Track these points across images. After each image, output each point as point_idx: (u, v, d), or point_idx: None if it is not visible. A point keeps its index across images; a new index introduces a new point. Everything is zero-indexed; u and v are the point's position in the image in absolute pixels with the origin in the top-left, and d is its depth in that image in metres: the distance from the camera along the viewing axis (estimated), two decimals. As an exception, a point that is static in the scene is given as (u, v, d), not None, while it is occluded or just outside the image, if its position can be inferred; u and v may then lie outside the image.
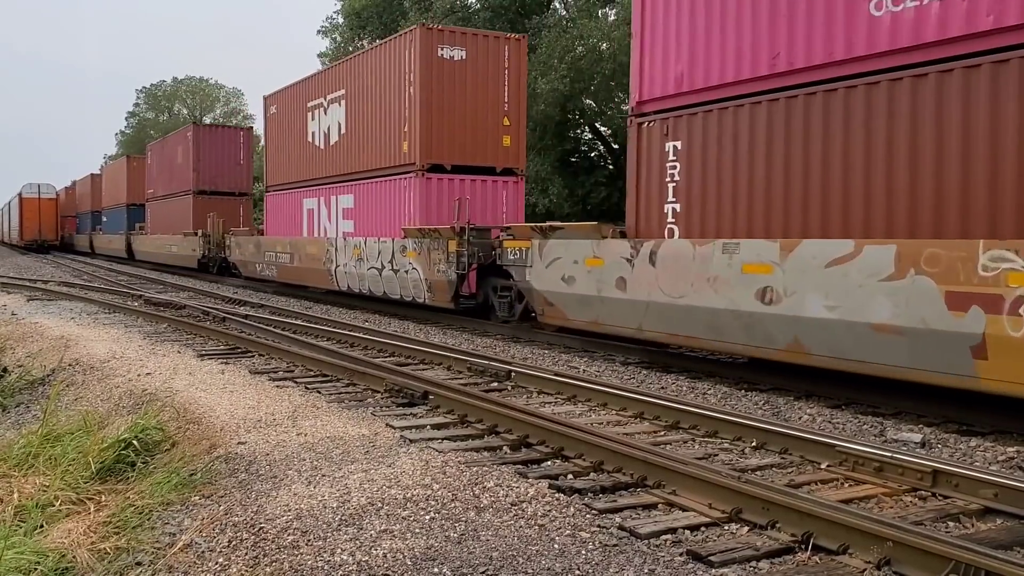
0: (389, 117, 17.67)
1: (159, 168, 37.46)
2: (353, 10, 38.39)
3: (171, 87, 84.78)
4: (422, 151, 16.55)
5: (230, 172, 33.03)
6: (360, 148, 18.96)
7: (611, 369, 10.66)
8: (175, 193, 34.56)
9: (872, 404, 8.39)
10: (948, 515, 5.18)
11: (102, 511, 5.80)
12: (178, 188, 34.13)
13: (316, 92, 21.42)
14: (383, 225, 18.04)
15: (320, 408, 7.94)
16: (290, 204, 22.84)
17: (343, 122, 19.72)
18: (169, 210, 35.33)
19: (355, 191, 19.23)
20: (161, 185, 36.95)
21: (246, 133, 34.76)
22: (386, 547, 4.57)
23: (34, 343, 12.87)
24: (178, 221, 33.54)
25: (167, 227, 35.16)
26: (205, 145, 32.69)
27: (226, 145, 33.35)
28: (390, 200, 17.76)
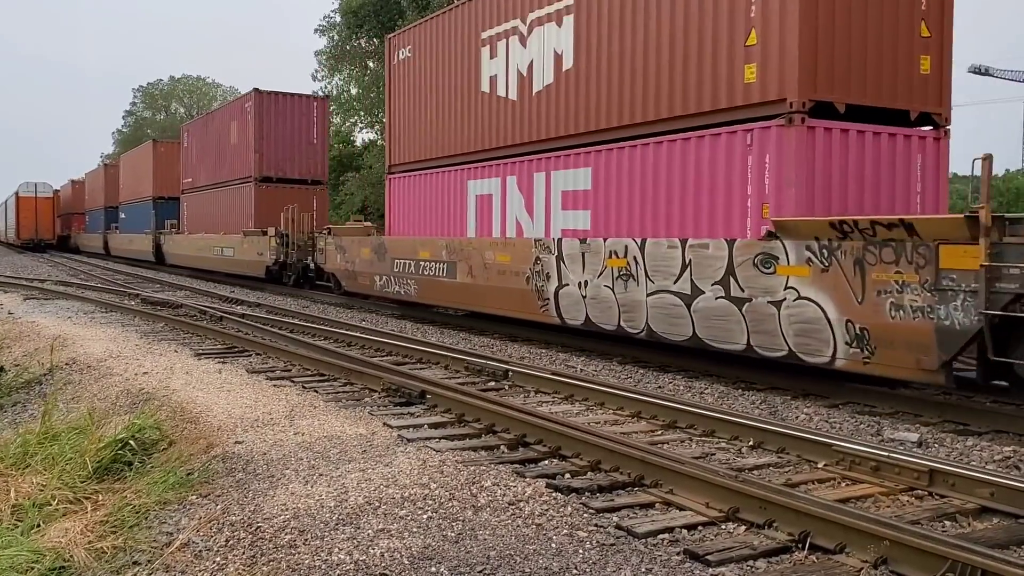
0: (706, 18, 9.99)
1: (202, 152, 30.83)
2: (350, 9, 38.35)
3: (168, 86, 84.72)
4: (802, 77, 9.00)
5: (302, 153, 26.23)
6: (612, 88, 11.48)
7: (608, 368, 10.67)
8: (227, 182, 27.97)
9: (869, 404, 8.40)
10: (945, 514, 5.19)
11: (99, 510, 5.80)
12: (232, 175, 27.49)
13: (503, 13, 13.82)
14: (666, 218, 10.61)
15: (317, 407, 7.94)
16: (440, 189, 15.57)
17: (569, 50, 12.22)
18: (217, 203, 29.04)
19: (596, 162, 11.82)
20: (205, 172, 30.37)
21: (320, 104, 27.27)
22: (383, 546, 4.57)
23: (31, 342, 12.85)
24: (232, 217, 27.24)
25: (213, 224, 28.88)
26: (270, 119, 25.65)
27: (296, 118, 26.26)
28: (694, 172, 10.19)
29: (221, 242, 27.57)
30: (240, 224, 26.24)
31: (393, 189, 17.36)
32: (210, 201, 29.79)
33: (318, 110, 26.89)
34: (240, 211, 26.59)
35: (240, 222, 26.35)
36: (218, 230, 28.25)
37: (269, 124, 25.73)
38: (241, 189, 26.62)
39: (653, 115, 10.81)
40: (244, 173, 26.35)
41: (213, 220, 29.11)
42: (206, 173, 30.27)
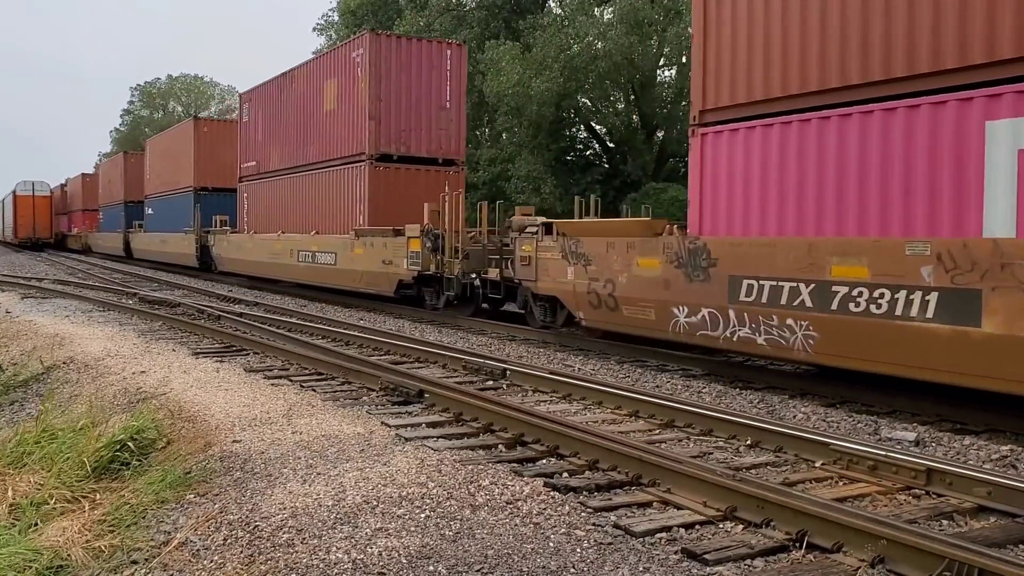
0: None
1: (273, 126, 23.80)
2: (349, 8, 38.36)
3: (166, 84, 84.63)
4: None
5: (432, 122, 19.12)
6: None
7: (606, 368, 10.67)
8: (318, 163, 20.79)
9: (866, 403, 8.41)
10: (942, 513, 5.20)
11: (97, 509, 5.80)
12: (326, 154, 20.44)
13: None
14: None
15: (315, 406, 7.94)
16: (887, 141, 7.98)
17: None
18: (298, 193, 22.02)
19: None
20: (279, 153, 23.23)
21: (457, 53, 19.49)
22: (381, 545, 4.57)
23: (28, 341, 12.84)
24: (325, 210, 20.47)
25: (289, 221, 22.43)
26: (390, 73, 18.57)
27: (424, 73, 19.03)
28: None
29: (311, 245, 20.45)
30: (339, 220, 19.63)
31: (714, 152, 9.81)
32: (286, 191, 22.69)
33: (453, 61, 19.29)
34: (341, 203, 19.67)
35: (339, 217, 19.74)
36: (298, 228, 21.65)
37: (389, 81, 18.58)
38: (344, 173, 19.53)
39: None
40: (350, 150, 19.13)
41: (291, 216, 22.35)
42: (280, 154, 23.13)
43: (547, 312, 12.98)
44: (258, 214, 24.91)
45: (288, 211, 22.64)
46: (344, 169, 19.60)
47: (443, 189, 16.03)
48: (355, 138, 18.99)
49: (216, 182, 30.28)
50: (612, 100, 33.07)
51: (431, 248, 15.58)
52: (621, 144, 33.13)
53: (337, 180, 19.94)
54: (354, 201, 19.16)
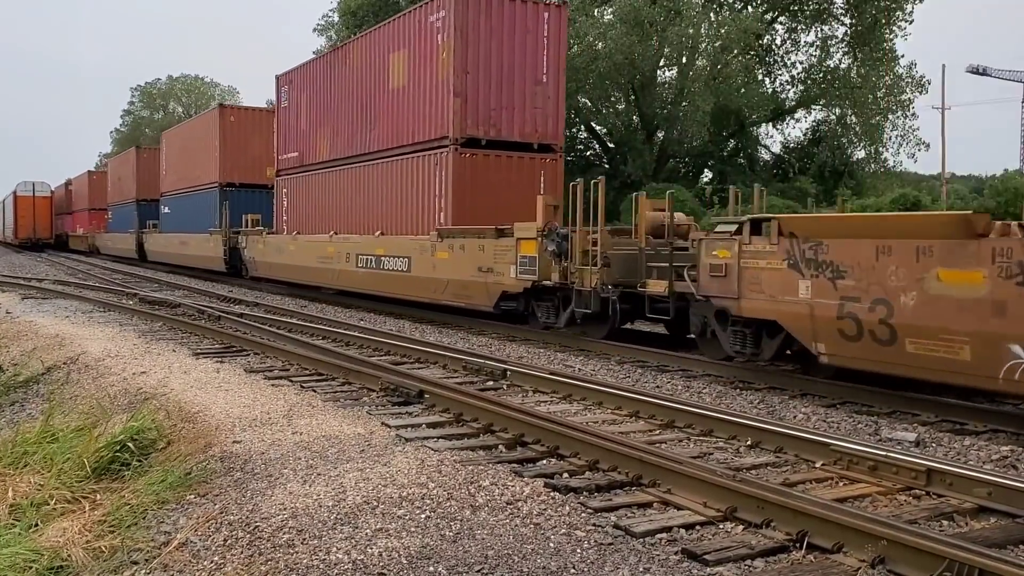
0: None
1: (318, 111, 20.59)
2: (349, 8, 38.38)
3: (166, 85, 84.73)
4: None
5: (525, 100, 15.74)
6: None
7: (606, 368, 10.67)
8: (378, 153, 17.78)
9: (867, 403, 8.41)
10: (942, 514, 5.20)
11: (97, 510, 5.80)
12: (390, 142, 17.30)
13: None
14: None
15: (316, 407, 7.94)
16: None
17: None
18: (349, 188, 19.12)
19: None
20: (329, 142, 20.03)
21: (556, 14, 16.08)
22: (382, 546, 4.57)
23: (28, 341, 12.85)
24: (386, 208, 17.43)
25: (336, 220, 19.47)
26: (476, 41, 15.32)
27: (515, 41, 15.70)
28: None
29: (375, 248, 17.21)
30: (412, 218, 16.54)
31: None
32: (340, 185, 19.72)
33: (551, 26, 15.89)
34: (415, 198, 16.47)
35: (411, 215, 16.57)
36: (355, 228, 18.68)
37: (477, 49, 15.21)
38: (418, 162, 16.34)
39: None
40: (427, 134, 15.94)
41: (346, 214, 19.38)
42: (332, 142, 20.06)
43: (746, 341, 9.53)
44: (301, 212, 21.86)
45: (342, 209, 19.48)
46: (419, 158, 16.26)
47: (538, 181, 14.81)
48: (434, 120, 15.71)
49: (244, 177, 27.47)
50: (612, 100, 33.10)
51: (554, 252, 12.18)
52: (621, 144, 33.15)
53: (409, 171, 16.61)
54: (431, 196, 15.88)
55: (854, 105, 34.45)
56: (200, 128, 30.42)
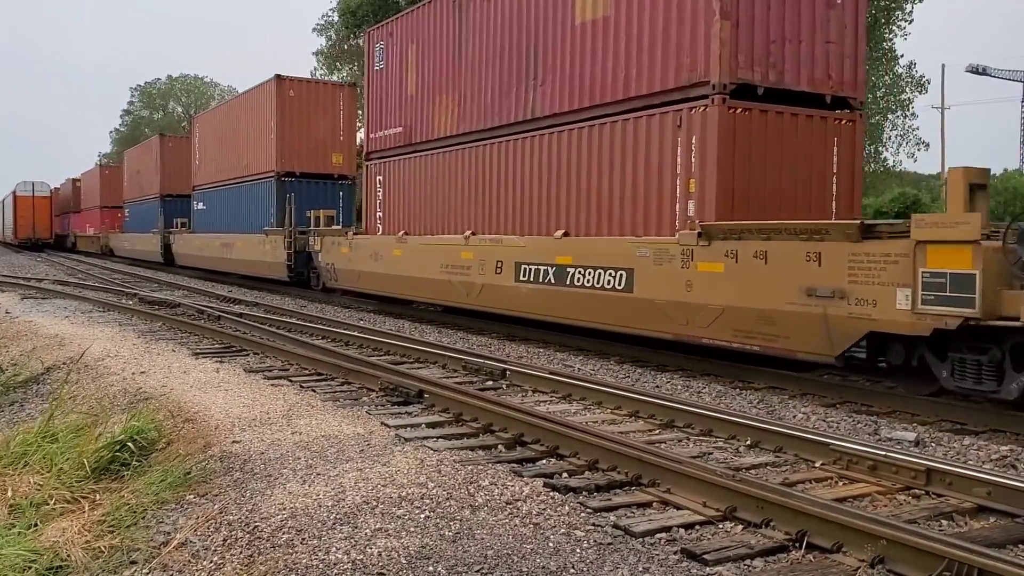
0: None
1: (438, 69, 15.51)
2: (348, 8, 38.36)
3: (165, 85, 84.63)
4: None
5: (814, 32, 10.58)
6: None
7: (606, 368, 10.67)
8: (561, 117, 12.51)
9: (866, 403, 8.41)
10: (942, 513, 5.20)
11: (96, 510, 5.80)
12: (583, 99, 12.07)
13: None
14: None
15: (315, 407, 7.94)
16: None
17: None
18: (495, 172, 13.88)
19: None
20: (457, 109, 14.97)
21: None
22: (381, 546, 4.57)
23: (28, 341, 12.84)
24: (570, 198, 12.23)
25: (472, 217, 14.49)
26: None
27: None
28: None
29: (554, 254, 12.19)
30: (607, 213, 11.59)
31: None
32: (467, 169, 14.55)
33: None
34: (622, 180, 11.35)
35: (611, 207, 11.51)
36: (505, 228, 13.54)
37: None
38: (633, 126, 11.20)
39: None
40: (659, 82, 10.82)
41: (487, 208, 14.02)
42: (458, 111, 14.83)
43: None
44: (408, 207, 16.56)
45: (482, 201, 14.11)
46: (640, 119, 11.01)
47: (831, 150, 10.48)
48: (676, 59, 10.48)
49: (306, 165, 23.00)
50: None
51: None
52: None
53: (620, 140, 11.26)
54: (667, 175, 10.59)
55: (854, 105, 34.41)
56: (248, 107, 24.96)
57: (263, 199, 23.89)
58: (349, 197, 24.24)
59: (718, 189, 10.00)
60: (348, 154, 24.18)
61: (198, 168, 30.12)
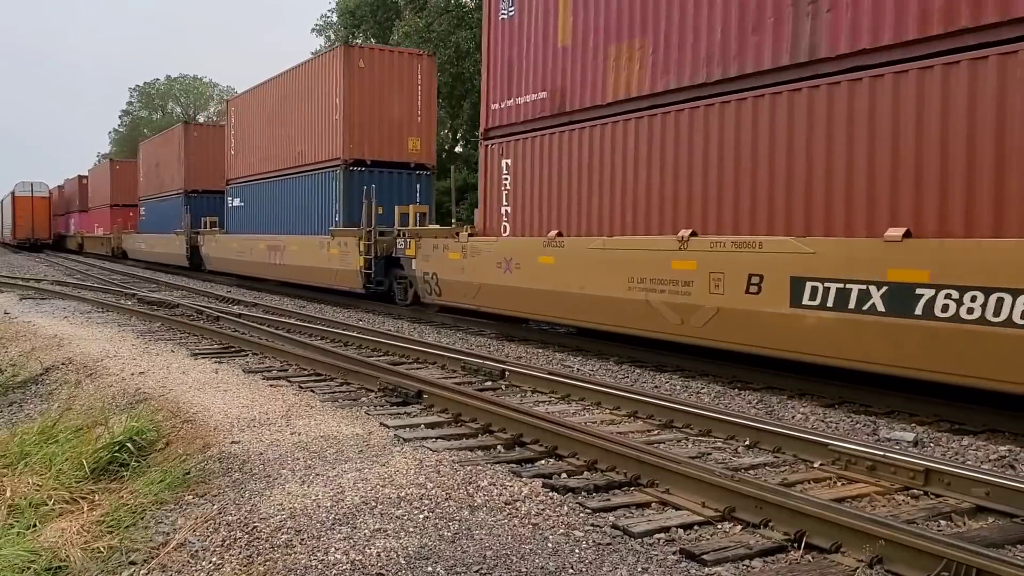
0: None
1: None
2: (347, 9, 38.37)
3: (164, 85, 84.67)
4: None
5: None
6: None
7: (605, 368, 10.67)
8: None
9: (865, 403, 8.42)
10: (940, 513, 5.20)
11: (95, 510, 5.80)
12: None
13: None
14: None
15: (314, 407, 7.94)
16: None
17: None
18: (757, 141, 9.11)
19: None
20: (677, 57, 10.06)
21: None
22: (380, 546, 4.57)
23: (27, 342, 12.84)
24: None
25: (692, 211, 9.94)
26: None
27: None
28: None
29: (882, 261, 7.62)
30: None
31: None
32: (664, 140, 10.42)
33: None
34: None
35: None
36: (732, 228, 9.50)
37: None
38: None
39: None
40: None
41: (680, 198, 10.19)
42: (648, 63, 10.59)
43: None
44: (549, 199, 12.35)
45: (700, 187, 9.87)
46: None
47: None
48: None
49: (380, 153, 19.49)
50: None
51: None
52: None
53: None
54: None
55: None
56: (304, 84, 21.20)
57: (326, 193, 20.16)
58: (428, 189, 20.44)
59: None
60: (427, 138, 20.44)
61: (233, 160, 25.86)
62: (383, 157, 19.68)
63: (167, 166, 33.14)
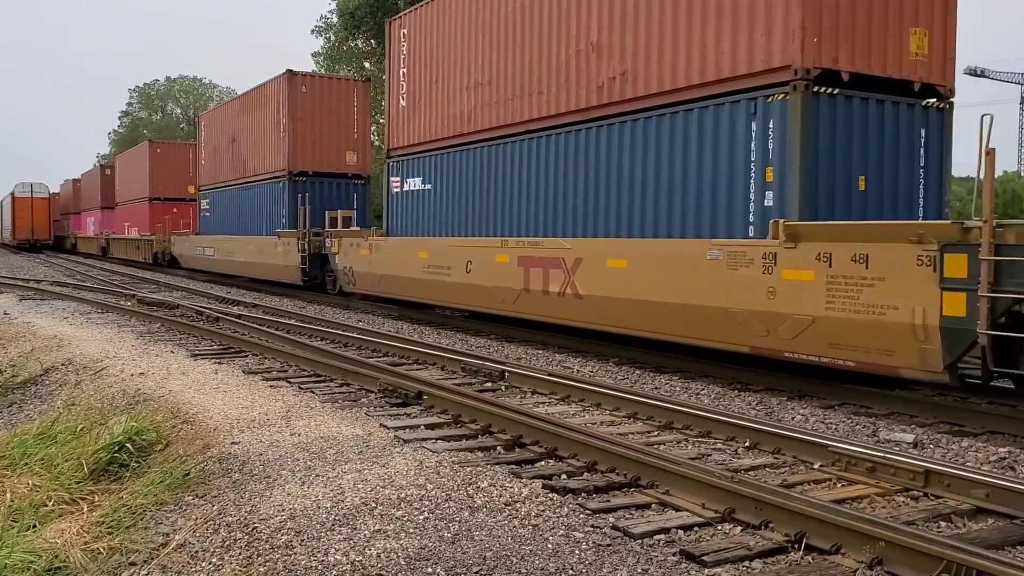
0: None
1: None
2: (347, 9, 38.36)
3: (164, 86, 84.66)
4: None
5: None
6: None
7: (605, 369, 10.67)
8: None
9: (865, 405, 8.42)
10: (940, 515, 5.20)
11: (95, 511, 5.80)
12: None
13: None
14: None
15: (314, 408, 7.94)
16: None
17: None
18: None
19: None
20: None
21: None
22: (380, 547, 4.57)
23: (27, 343, 12.83)
24: None
25: None
26: None
27: None
28: None
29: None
30: None
31: None
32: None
33: None
34: None
35: None
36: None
37: None
38: None
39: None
40: None
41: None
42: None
43: None
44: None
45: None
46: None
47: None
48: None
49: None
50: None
51: None
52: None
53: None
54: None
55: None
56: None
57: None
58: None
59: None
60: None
61: (405, 116, 17.29)
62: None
63: (250, 143, 24.90)
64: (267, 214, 23.22)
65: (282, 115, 22.17)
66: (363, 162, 23.30)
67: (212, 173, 28.06)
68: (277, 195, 22.50)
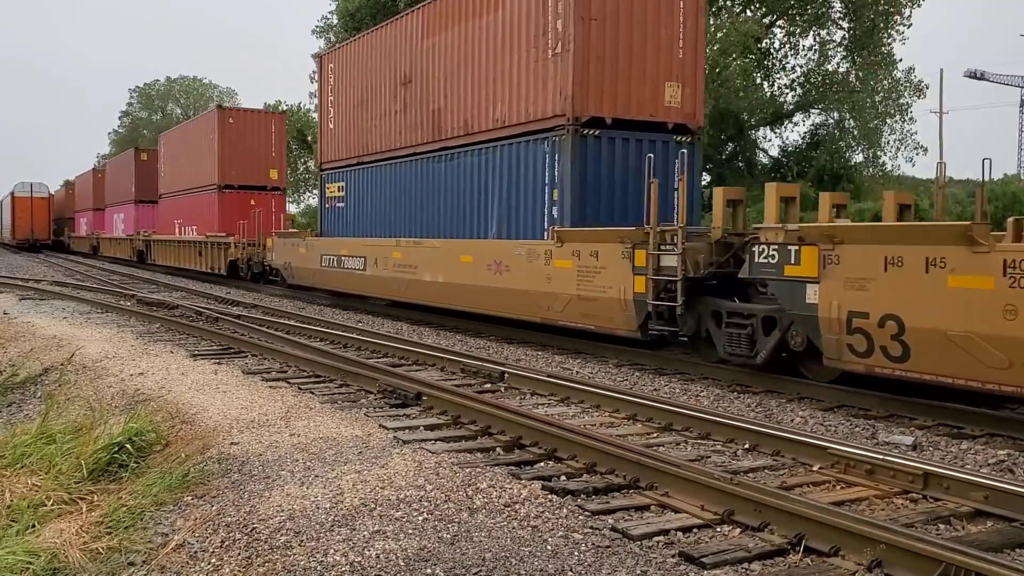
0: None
1: None
2: (347, 11, 38.36)
3: (164, 86, 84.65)
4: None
5: None
6: None
7: (604, 371, 10.67)
8: None
9: (864, 407, 8.42)
10: (939, 517, 5.20)
11: (94, 511, 5.80)
12: None
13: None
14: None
15: (313, 409, 7.94)
16: None
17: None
18: None
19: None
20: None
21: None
22: (379, 548, 4.57)
23: (26, 342, 12.83)
24: None
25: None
26: None
27: None
28: None
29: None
30: None
31: None
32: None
33: None
34: None
35: None
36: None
37: None
38: None
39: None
40: None
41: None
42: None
43: None
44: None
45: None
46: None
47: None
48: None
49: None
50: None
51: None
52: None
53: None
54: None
55: (852, 109, 34.46)
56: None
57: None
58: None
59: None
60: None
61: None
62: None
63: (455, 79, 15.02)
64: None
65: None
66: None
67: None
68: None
